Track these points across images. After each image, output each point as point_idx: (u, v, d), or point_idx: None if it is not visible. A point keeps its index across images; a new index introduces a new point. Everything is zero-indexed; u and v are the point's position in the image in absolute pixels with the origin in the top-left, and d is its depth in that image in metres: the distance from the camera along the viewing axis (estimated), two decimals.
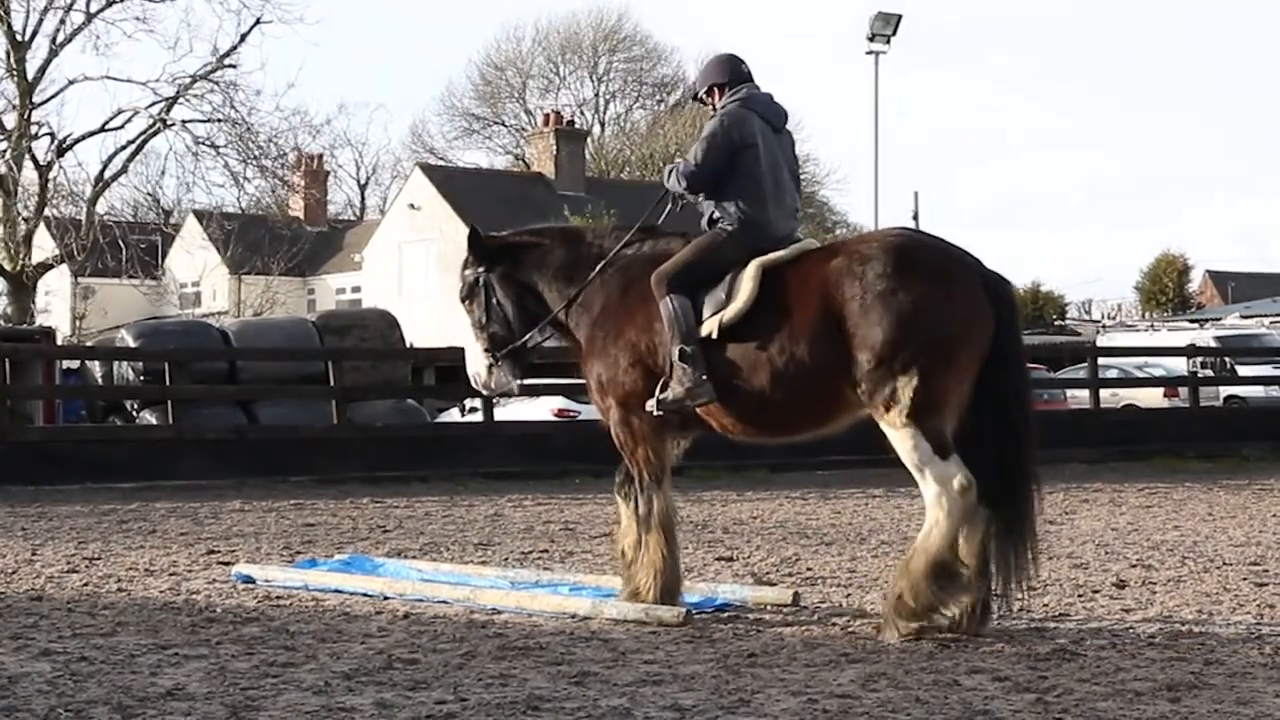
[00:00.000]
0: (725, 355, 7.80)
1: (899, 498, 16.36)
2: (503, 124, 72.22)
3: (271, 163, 42.49)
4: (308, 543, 11.94)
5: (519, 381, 8.70)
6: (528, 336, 8.55)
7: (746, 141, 8.10)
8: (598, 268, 8.32)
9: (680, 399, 7.89)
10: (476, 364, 8.68)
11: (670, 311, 7.89)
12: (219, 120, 41.02)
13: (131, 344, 20.90)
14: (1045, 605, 8.50)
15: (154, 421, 19.55)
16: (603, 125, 72.25)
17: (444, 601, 8.58)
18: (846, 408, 7.75)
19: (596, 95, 72.41)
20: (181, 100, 40.79)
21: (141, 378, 20.30)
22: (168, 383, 18.83)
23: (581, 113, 69.26)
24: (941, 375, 7.38)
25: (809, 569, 10.18)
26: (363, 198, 74.49)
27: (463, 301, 8.70)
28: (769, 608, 8.35)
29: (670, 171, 8.39)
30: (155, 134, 41.54)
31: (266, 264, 53.55)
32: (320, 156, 56.97)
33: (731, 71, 8.39)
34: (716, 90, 8.37)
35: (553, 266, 8.47)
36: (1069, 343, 50.31)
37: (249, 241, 52.20)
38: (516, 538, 12.43)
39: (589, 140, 62.73)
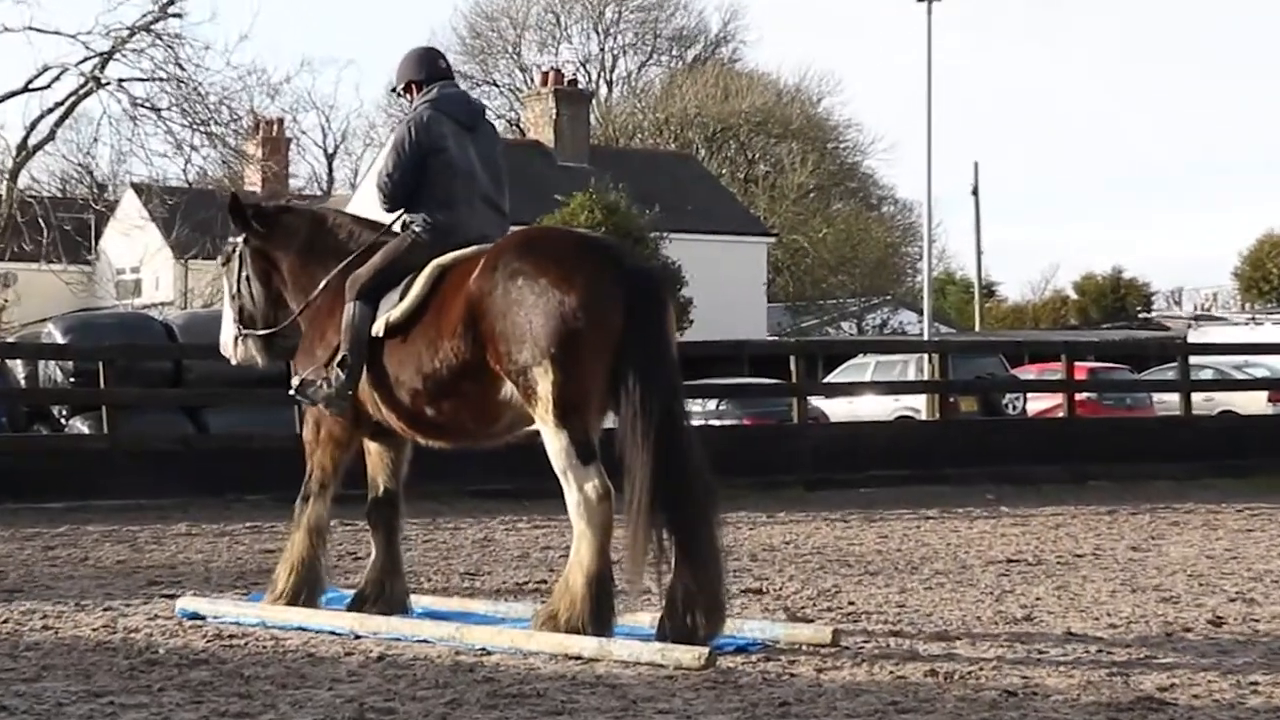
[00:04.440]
0: (390, 355, 8.90)
1: (955, 519, 16.36)
2: (494, 84, 72.26)
3: (223, 128, 42.58)
4: (266, 573, 11.93)
5: (264, 361, 9.95)
6: (273, 330, 9.77)
7: (435, 145, 9.15)
8: (334, 271, 9.33)
9: (317, 400, 9.13)
10: (226, 332, 9.97)
11: (350, 316, 9.02)
12: (161, 79, 41.14)
13: (60, 340, 20.91)
14: (1128, 647, 8.49)
15: (86, 431, 19.56)
16: (610, 85, 72.29)
17: (425, 640, 8.59)
18: (503, 408, 8.63)
19: (603, 50, 72.47)
20: (118, 56, 40.90)
21: (71, 379, 20.30)
22: (102, 385, 18.84)
23: (586, 71, 69.26)
24: (573, 368, 8.18)
25: (851, 603, 10.18)
26: (330, 169, 74.65)
27: (221, 266, 10.02)
28: (804, 648, 8.34)
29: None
30: (87, 95, 41.65)
31: (218, 247, 53.56)
32: (280, 121, 57.07)
33: (427, 69, 9.49)
34: (413, 87, 9.47)
35: (293, 252, 9.63)
36: (1155, 339, 50.33)
37: (197, 221, 52.14)
38: (510, 566, 12.45)
39: (594, 103, 62.71)
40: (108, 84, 40.99)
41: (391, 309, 8.88)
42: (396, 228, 9.37)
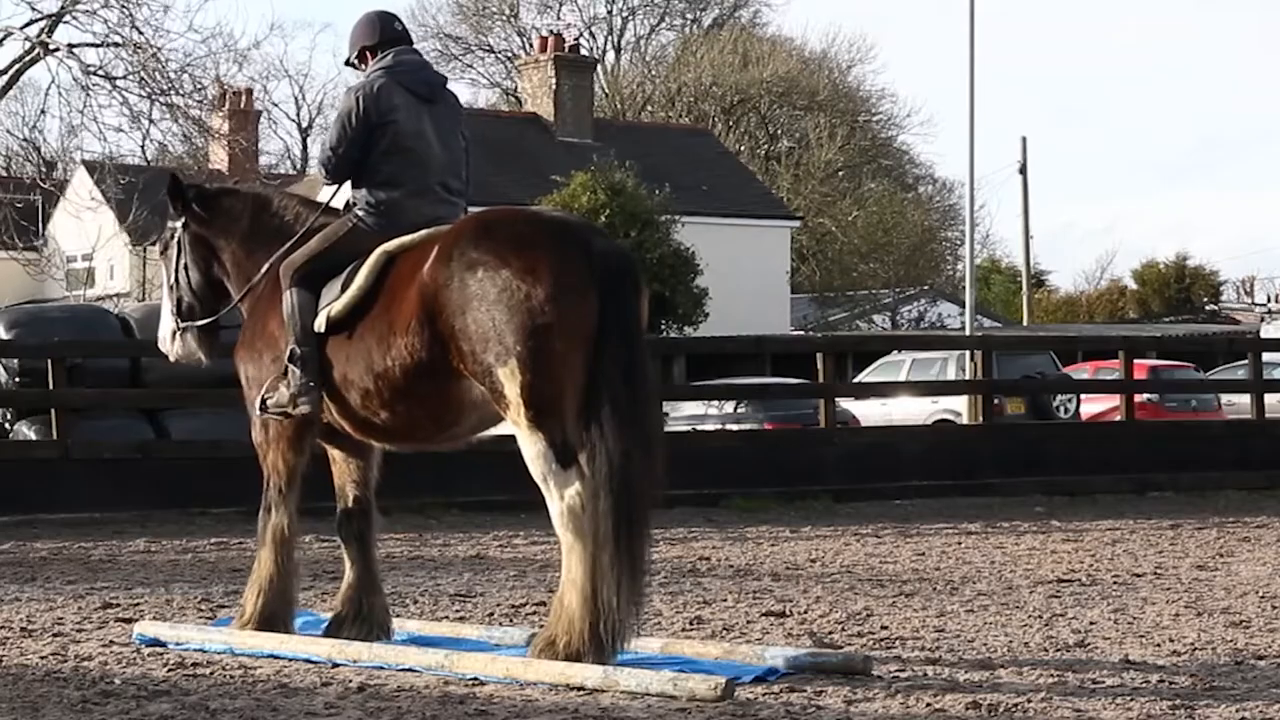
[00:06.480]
0: (335, 352, 9.04)
1: (1000, 534, 16.36)
2: (489, 50, 72.37)
3: (185, 99, 42.52)
4: (233, 594, 11.96)
5: (206, 357, 10.11)
6: (210, 319, 9.93)
7: (384, 117, 9.25)
8: (274, 257, 9.47)
9: (283, 405, 9.15)
10: (164, 325, 10.13)
11: (289, 306, 9.14)
12: (116, 44, 41.07)
13: (4, 335, 20.94)
14: (1193, 676, 8.49)
15: (33, 436, 19.58)
16: (618, 52, 72.34)
17: (411, 669, 8.61)
18: (467, 409, 8.76)
19: (610, 13, 72.50)
20: (67, 19, 40.86)
21: (16, 379, 20.32)
22: (51, 386, 18.85)
23: (590, 35, 69.29)
24: (543, 367, 8.27)
25: (884, 627, 10.20)
26: (304, 145, 74.75)
27: (159, 255, 10.17)
28: (832, 677, 8.35)
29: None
30: (33, 62, 41.61)
31: None
32: (249, 92, 57.09)
33: (382, 32, 9.61)
34: (368, 54, 9.59)
35: (235, 238, 9.79)
36: (1224, 334, 50.28)
37: (156, 203, 52.18)
38: (504, 587, 12.47)
39: (599, 71, 62.71)
40: (56, 49, 40.98)
41: (333, 301, 8.98)
42: (340, 207, 9.52)
